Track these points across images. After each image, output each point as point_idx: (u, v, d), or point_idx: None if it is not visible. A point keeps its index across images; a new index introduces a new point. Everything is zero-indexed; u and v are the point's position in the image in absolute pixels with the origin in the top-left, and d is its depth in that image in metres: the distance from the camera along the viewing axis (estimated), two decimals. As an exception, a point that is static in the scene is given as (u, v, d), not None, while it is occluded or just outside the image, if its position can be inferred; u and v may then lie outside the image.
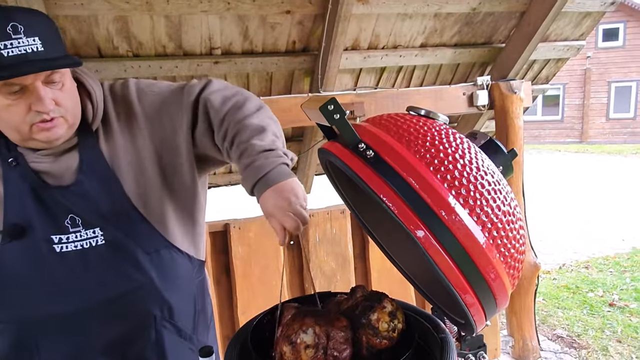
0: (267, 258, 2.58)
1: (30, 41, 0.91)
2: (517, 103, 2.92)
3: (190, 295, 1.23)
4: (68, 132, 1.04)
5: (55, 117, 0.99)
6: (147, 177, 1.11)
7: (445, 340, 0.91)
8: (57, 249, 1.04)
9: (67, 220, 1.04)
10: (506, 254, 0.75)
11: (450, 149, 0.77)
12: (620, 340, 3.44)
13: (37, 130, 0.99)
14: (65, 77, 1.00)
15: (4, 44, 0.89)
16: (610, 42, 17.15)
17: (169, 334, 1.16)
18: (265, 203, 1.00)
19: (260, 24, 2.44)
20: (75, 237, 1.04)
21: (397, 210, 0.72)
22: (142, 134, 1.12)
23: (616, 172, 11.26)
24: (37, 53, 0.92)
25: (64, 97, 1.00)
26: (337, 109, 0.77)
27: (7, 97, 0.94)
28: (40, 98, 0.95)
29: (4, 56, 0.89)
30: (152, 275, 1.11)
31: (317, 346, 0.82)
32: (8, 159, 1.03)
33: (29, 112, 0.96)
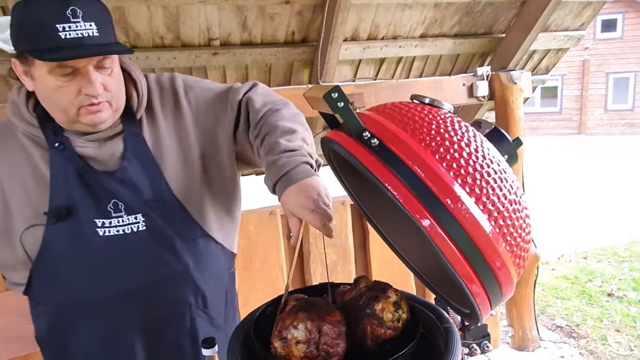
0: (266, 250, 2.58)
1: (87, 25, 0.93)
2: (517, 93, 2.92)
3: (222, 286, 1.26)
4: (112, 116, 1.06)
5: (102, 102, 1.01)
6: (189, 169, 1.14)
7: (449, 330, 0.91)
8: (100, 233, 1.06)
9: (110, 205, 1.06)
10: (512, 243, 0.74)
11: (456, 137, 0.76)
12: (618, 330, 3.46)
13: (84, 113, 1.01)
14: (114, 64, 1.03)
15: (63, 26, 0.91)
16: (609, 33, 17.11)
17: (203, 322, 1.20)
18: (287, 201, 0.99)
19: (259, 15, 2.42)
20: (118, 222, 1.07)
21: (403, 199, 0.71)
22: (186, 127, 1.15)
23: (614, 164, 11.28)
24: (92, 38, 0.94)
25: (112, 83, 1.02)
26: (341, 97, 0.76)
27: (59, 78, 0.96)
28: (91, 82, 0.97)
29: (61, 38, 0.91)
30: (188, 264, 1.14)
31: (308, 342, 0.81)
32: (55, 143, 1.05)
33: (79, 94, 0.98)
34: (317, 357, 0.81)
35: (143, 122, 1.13)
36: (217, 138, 1.18)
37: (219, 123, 1.18)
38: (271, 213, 2.58)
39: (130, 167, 1.08)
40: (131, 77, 1.12)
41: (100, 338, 1.13)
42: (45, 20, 0.91)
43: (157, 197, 1.09)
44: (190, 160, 1.15)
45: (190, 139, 1.15)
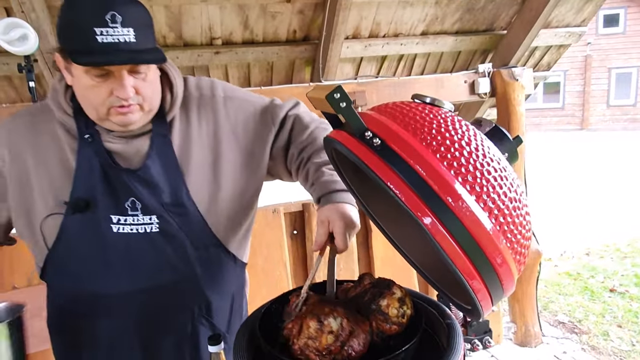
0: (270, 249, 2.59)
1: (125, 31, 0.94)
2: (519, 90, 2.92)
3: (228, 295, 1.26)
4: (143, 118, 1.07)
5: (132, 104, 1.03)
6: (215, 178, 1.14)
7: (452, 326, 0.92)
8: (113, 229, 1.07)
9: (128, 202, 1.08)
10: (513, 240, 0.75)
11: (457, 136, 0.77)
12: (620, 325, 3.47)
13: (114, 113, 1.03)
14: (149, 69, 1.04)
15: (101, 30, 0.92)
16: (611, 29, 17.03)
17: (205, 329, 1.20)
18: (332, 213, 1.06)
19: (261, 13, 2.43)
20: (133, 221, 1.08)
21: (404, 197, 0.72)
22: (220, 137, 1.16)
23: (617, 159, 11.25)
24: (128, 44, 0.95)
25: (145, 87, 1.03)
26: (343, 97, 0.77)
27: (93, 78, 0.98)
28: (122, 85, 0.99)
29: (97, 42, 0.92)
30: (197, 271, 1.14)
31: (337, 337, 0.82)
32: (84, 135, 1.08)
33: (110, 95, 1.00)
34: (336, 354, 0.82)
35: (174, 125, 1.13)
36: (253, 151, 1.19)
37: (259, 136, 1.19)
38: (274, 211, 2.60)
39: (152, 166, 1.09)
40: (168, 79, 1.13)
41: (101, 334, 1.14)
42: (84, 23, 0.93)
43: (174, 201, 1.10)
44: (219, 170, 1.15)
45: (223, 148, 1.16)
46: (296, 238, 2.73)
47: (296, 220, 2.72)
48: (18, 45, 1.79)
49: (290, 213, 2.68)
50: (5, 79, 2.42)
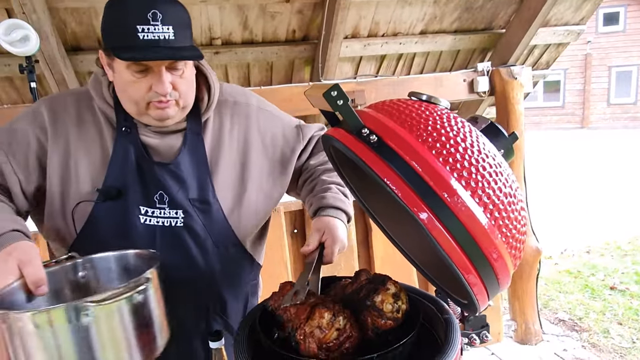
0: (271, 249, 2.59)
1: (165, 29, 0.99)
2: (518, 89, 2.92)
3: (243, 295, 1.30)
4: (179, 114, 1.12)
5: (170, 100, 1.07)
6: (241, 182, 1.20)
7: (449, 320, 0.93)
8: (140, 220, 1.11)
9: (156, 195, 1.12)
10: (508, 235, 0.76)
11: (452, 133, 0.78)
12: (621, 323, 3.48)
13: (153, 108, 1.07)
14: (187, 66, 1.08)
15: (142, 27, 0.97)
16: (611, 27, 17.02)
17: (218, 327, 1.23)
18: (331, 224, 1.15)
19: (260, 14, 2.45)
20: (159, 213, 1.12)
21: (401, 193, 0.73)
22: (250, 144, 1.23)
23: (617, 158, 11.25)
24: (167, 41, 0.99)
25: (182, 83, 1.07)
26: (341, 95, 0.78)
27: (134, 74, 1.03)
28: (161, 81, 1.03)
29: (139, 39, 0.97)
30: (215, 268, 1.18)
31: (340, 335, 0.84)
32: (122, 127, 1.12)
33: (149, 91, 1.05)
34: (333, 350, 0.84)
35: (208, 126, 1.19)
36: (281, 160, 1.26)
37: (287, 148, 1.27)
38: (275, 210, 2.60)
39: (183, 162, 1.13)
40: (207, 81, 1.18)
41: None
42: (128, 20, 0.98)
43: (200, 198, 1.14)
44: (246, 174, 1.21)
45: (252, 154, 1.22)
46: (296, 237, 2.74)
47: (296, 219, 2.73)
48: (19, 46, 1.81)
49: (290, 212, 2.70)
50: (7, 80, 2.44)
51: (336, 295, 1.02)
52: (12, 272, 0.86)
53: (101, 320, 0.81)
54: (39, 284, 0.87)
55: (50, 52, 2.16)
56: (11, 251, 0.90)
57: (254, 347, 0.93)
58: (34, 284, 0.86)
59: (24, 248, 0.91)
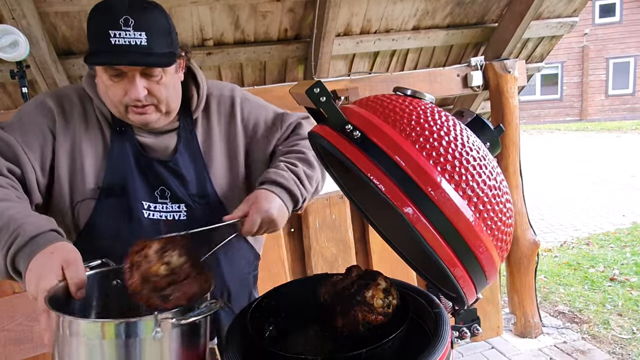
0: (267, 247, 2.59)
1: (137, 35, 1.00)
2: (512, 82, 2.92)
3: (246, 286, 1.33)
4: (162, 119, 1.14)
5: (147, 105, 1.08)
6: (234, 172, 1.24)
7: (439, 314, 0.93)
8: (144, 214, 1.13)
9: (158, 190, 1.14)
10: (493, 227, 0.76)
11: (436, 127, 0.78)
12: (621, 314, 3.48)
13: (131, 112, 1.09)
14: (166, 72, 1.08)
15: (114, 32, 0.99)
16: (607, 18, 17.00)
17: (226, 316, 1.24)
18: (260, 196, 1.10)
19: (251, 13, 2.44)
20: (162, 208, 1.15)
21: (385, 188, 0.73)
22: (236, 134, 1.25)
23: (616, 149, 11.25)
24: (139, 46, 1.00)
25: (159, 89, 1.08)
26: (323, 92, 0.78)
27: (110, 78, 1.05)
28: (134, 86, 1.04)
29: (111, 43, 0.99)
30: (220, 258, 1.21)
31: (171, 274, 0.83)
32: (117, 126, 1.14)
33: (125, 95, 1.06)
34: (160, 289, 0.81)
35: (198, 122, 1.22)
36: (265, 150, 1.28)
37: (268, 136, 1.28)
38: (271, 209, 2.61)
39: (181, 159, 1.16)
40: (195, 80, 1.21)
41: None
42: (102, 26, 1.00)
43: (200, 192, 1.17)
44: (236, 165, 1.24)
45: (238, 145, 1.25)
46: (293, 235, 2.74)
47: (292, 217, 2.73)
48: (9, 51, 1.81)
49: (286, 211, 2.69)
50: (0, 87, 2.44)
51: (327, 292, 1.02)
52: (55, 271, 0.84)
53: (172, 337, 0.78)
54: (80, 286, 0.85)
55: (41, 57, 2.16)
56: (53, 251, 0.87)
57: (245, 346, 0.93)
58: (75, 286, 0.84)
59: (66, 249, 0.89)
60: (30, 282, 0.84)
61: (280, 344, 0.98)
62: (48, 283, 0.82)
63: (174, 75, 1.12)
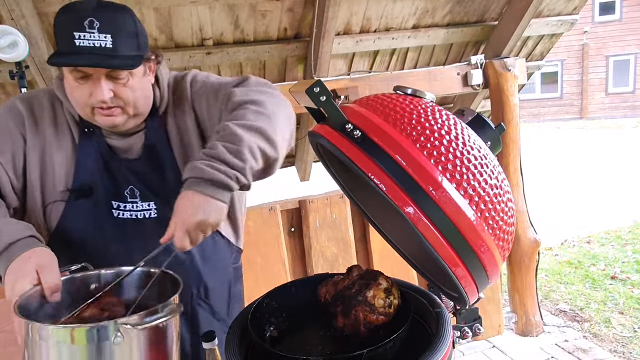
0: (268, 247, 2.60)
1: (102, 37, 0.99)
2: (512, 81, 2.92)
3: (226, 279, 1.31)
4: (130, 122, 1.12)
5: (113, 107, 1.07)
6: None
7: (441, 314, 0.93)
8: (114, 214, 1.13)
9: (127, 190, 1.14)
10: (495, 227, 0.76)
11: (437, 126, 0.78)
12: (622, 312, 3.47)
13: (97, 114, 1.08)
14: (133, 75, 1.07)
15: (79, 34, 0.98)
16: (607, 16, 16.96)
17: (204, 312, 1.24)
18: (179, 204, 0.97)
19: (251, 13, 2.44)
20: (132, 207, 1.14)
21: (386, 188, 0.73)
22: (190, 121, 1.20)
23: (617, 147, 11.24)
24: (104, 49, 0.99)
25: (125, 92, 1.07)
26: (323, 91, 0.78)
27: (76, 80, 1.04)
28: (99, 89, 1.03)
29: (75, 45, 0.98)
30: (194, 254, 1.19)
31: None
32: (86, 128, 1.14)
33: (90, 97, 1.05)
34: None
35: (168, 118, 1.19)
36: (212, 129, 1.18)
37: (214, 116, 1.17)
38: (271, 209, 2.61)
39: (149, 158, 1.15)
40: (156, 77, 1.18)
41: None
42: (67, 28, 0.99)
43: (170, 188, 1.13)
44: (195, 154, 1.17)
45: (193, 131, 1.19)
46: (294, 235, 2.74)
47: (293, 217, 2.73)
48: (8, 52, 1.80)
49: (287, 211, 2.69)
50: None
51: (329, 292, 1.02)
52: (30, 276, 0.88)
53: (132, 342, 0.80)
54: (55, 290, 0.89)
55: (40, 58, 2.15)
56: (31, 256, 0.92)
57: (246, 347, 0.93)
58: (49, 290, 0.88)
59: (42, 254, 0.93)
60: (7, 286, 0.89)
61: (282, 344, 0.97)
62: (22, 287, 0.86)
63: (142, 79, 1.10)
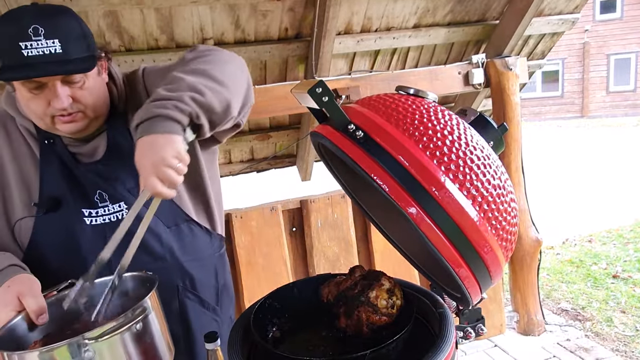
0: (269, 246, 2.60)
1: (50, 43, 0.95)
2: (513, 80, 2.91)
3: (211, 268, 1.30)
4: (92, 125, 1.10)
5: (73, 113, 1.04)
6: None
7: (444, 314, 0.93)
8: (87, 222, 1.11)
9: (96, 196, 1.12)
10: (498, 227, 0.76)
11: (439, 126, 0.78)
12: (624, 311, 3.47)
13: (59, 122, 1.05)
14: (87, 77, 1.04)
15: (25, 44, 0.94)
16: (608, 15, 16.93)
17: (193, 304, 1.23)
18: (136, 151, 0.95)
19: (252, 13, 2.43)
20: (104, 212, 1.12)
21: (389, 188, 0.73)
22: None
23: (617, 146, 11.22)
24: (55, 55, 0.95)
25: (83, 95, 1.04)
26: (325, 92, 0.77)
27: (30, 91, 1.00)
28: (57, 96, 1.00)
29: (24, 55, 0.94)
30: (172, 248, 1.18)
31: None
32: (45, 139, 1.11)
33: (49, 106, 1.02)
34: None
35: (127, 114, 1.16)
36: None
37: None
38: (272, 209, 2.61)
39: (112, 157, 1.13)
40: (111, 75, 1.16)
41: None
42: (10, 38, 0.94)
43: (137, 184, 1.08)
44: None
45: None
46: (295, 235, 2.74)
47: (294, 217, 2.73)
48: None
49: (288, 210, 2.69)
50: None
51: (330, 292, 1.02)
52: (11, 303, 0.88)
53: (104, 353, 0.80)
54: (39, 312, 0.89)
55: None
56: (10, 284, 0.92)
57: (249, 347, 0.93)
58: (35, 314, 0.88)
59: (21, 280, 0.93)
60: None
61: (284, 344, 0.97)
62: (4, 316, 0.87)
63: (96, 79, 1.08)
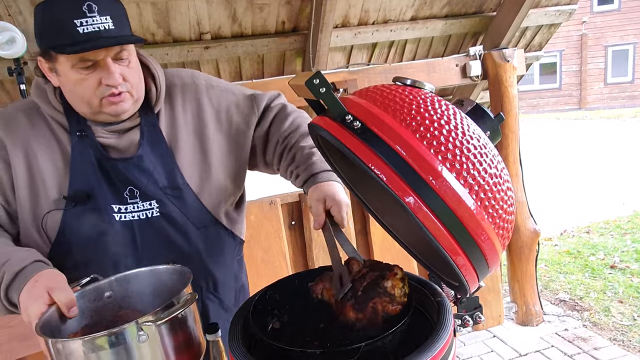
0: (269, 240, 2.61)
1: (103, 19, 0.98)
2: (511, 71, 2.91)
3: (231, 271, 1.33)
4: (133, 106, 1.11)
5: (122, 92, 1.06)
6: (205, 160, 1.20)
7: (442, 303, 0.94)
8: (116, 218, 1.11)
9: (126, 191, 1.12)
10: (494, 215, 0.77)
11: (436, 116, 0.78)
12: (621, 301, 3.50)
13: (107, 104, 1.06)
14: (131, 55, 1.07)
15: (80, 21, 0.96)
16: (606, 6, 16.91)
17: (214, 305, 1.26)
18: (324, 189, 1.12)
19: (248, 6, 2.43)
20: (133, 208, 1.12)
21: (386, 178, 0.73)
22: (206, 122, 1.21)
23: (615, 137, 11.24)
24: (108, 31, 0.99)
25: (131, 73, 1.07)
26: (323, 83, 0.78)
27: (80, 72, 1.01)
28: (110, 72, 1.02)
29: (79, 33, 0.96)
30: (199, 249, 1.20)
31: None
32: (77, 132, 1.11)
33: (100, 86, 1.04)
34: None
35: (161, 114, 1.18)
36: (237, 136, 1.24)
37: (242, 122, 1.25)
38: (271, 203, 2.61)
39: (145, 155, 1.14)
40: (149, 71, 1.17)
41: None
42: (63, 17, 0.97)
43: (170, 185, 1.14)
44: (207, 152, 1.20)
45: (209, 132, 1.21)
46: (294, 228, 2.75)
47: (293, 211, 2.74)
48: (6, 48, 1.80)
49: (287, 204, 2.70)
50: (-3, 84, 2.43)
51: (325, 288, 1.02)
52: (42, 297, 0.89)
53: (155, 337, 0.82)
54: (70, 305, 0.90)
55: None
56: (38, 279, 0.93)
57: (249, 339, 0.94)
58: (66, 306, 0.89)
59: (48, 275, 0.94)
60: (23, 312, 0.92)
61: (283, 337, 0.98)
62: (36, 310, 0.88)
63: (137, 59, 1.10)
